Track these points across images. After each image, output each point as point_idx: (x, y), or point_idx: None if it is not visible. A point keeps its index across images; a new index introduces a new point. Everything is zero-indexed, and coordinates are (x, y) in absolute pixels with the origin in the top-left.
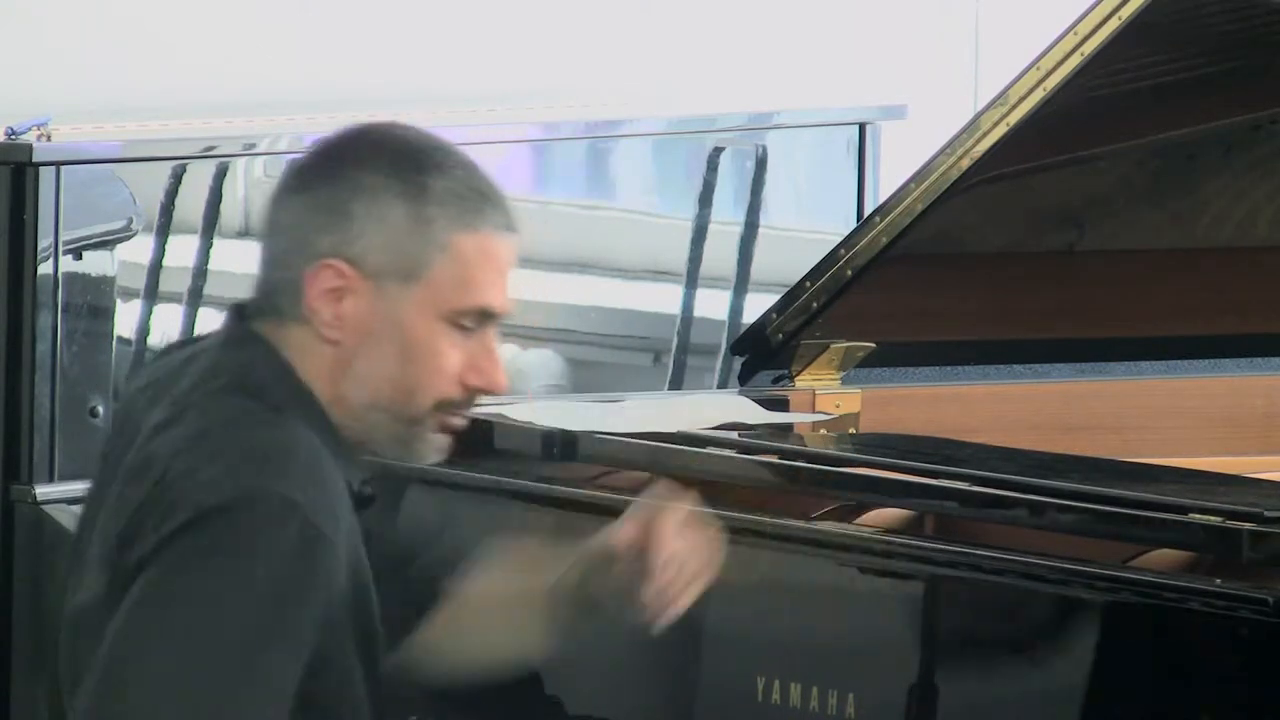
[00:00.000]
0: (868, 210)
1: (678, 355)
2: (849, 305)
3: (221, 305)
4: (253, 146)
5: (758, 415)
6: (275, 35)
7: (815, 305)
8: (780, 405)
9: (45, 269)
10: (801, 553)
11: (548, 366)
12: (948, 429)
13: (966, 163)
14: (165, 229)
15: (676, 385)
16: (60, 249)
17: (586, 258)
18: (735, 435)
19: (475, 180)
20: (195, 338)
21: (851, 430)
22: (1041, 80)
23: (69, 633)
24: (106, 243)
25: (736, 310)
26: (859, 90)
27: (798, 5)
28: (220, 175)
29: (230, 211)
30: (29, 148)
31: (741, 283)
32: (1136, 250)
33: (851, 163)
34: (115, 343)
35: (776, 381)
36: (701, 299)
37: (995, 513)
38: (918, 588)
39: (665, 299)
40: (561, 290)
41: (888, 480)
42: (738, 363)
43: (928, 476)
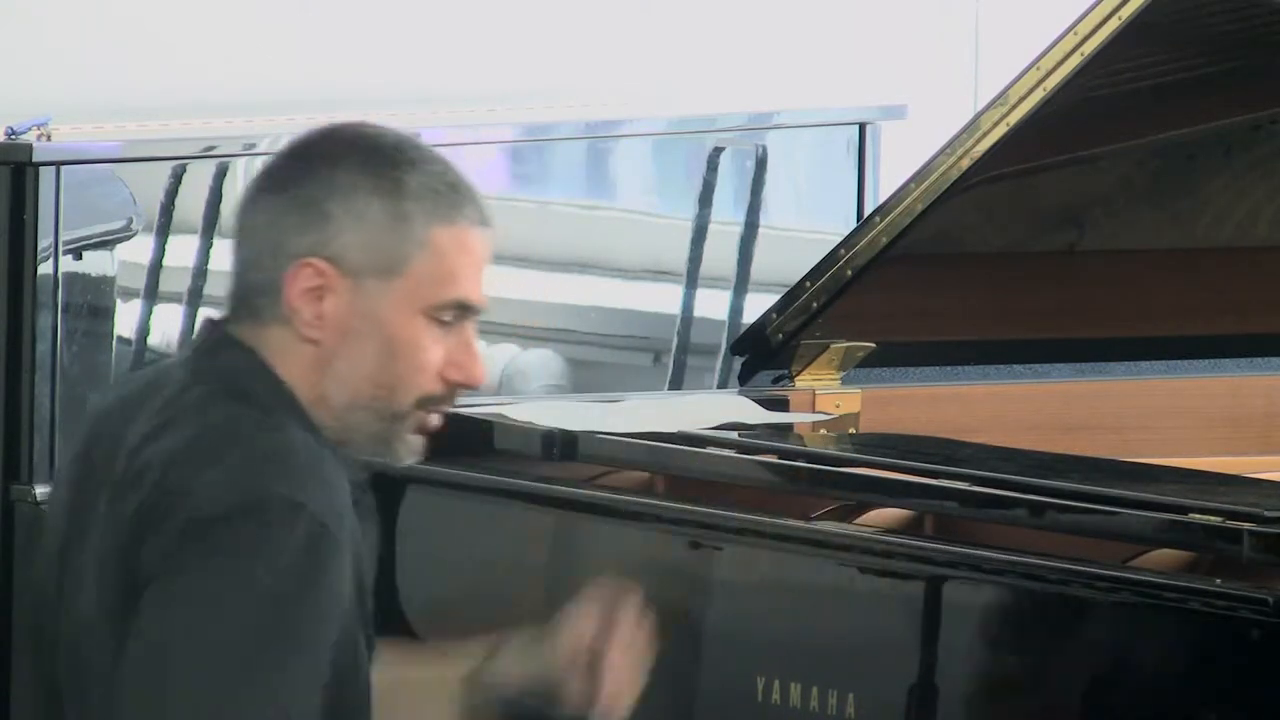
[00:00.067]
0: (868, 210)
1: (678, 355)
2: (849, 305)
3: (221, 305)
4: (253, 146)
5: (758, 415)
6: (275, 35)
7: (815, 305)
8: (780, 405)
9: (45, 269)
10: (801, 553)
11: (548, 366)
12: (948, 429)
13: (966, 163)
14: (165, 229)
15: (676, 385)
16: (60, 249)
17: (586, 258)
18: (735, 435)
19: (449, 175)
20: (160, 361)
21: (851, 430)
22: (1041, 80)
23: (71, 647)
24: (106, 243)
25: (736, 310)
26: (859, 90)
27: (798, 5)
28: (220, 175)
29: (230, 211)
30: (29, 148)
31: (741, 283)
32: (1136, 250)
33: (851, 163)
34: (115, 343)
35: (776, 381)
36: (701, 299)
37: (995, 513)
38: (918, 588)
39: (665, 299)
40: (561, 290)
41: (888, 480)
42: (738, 363)
43: (928, 476)
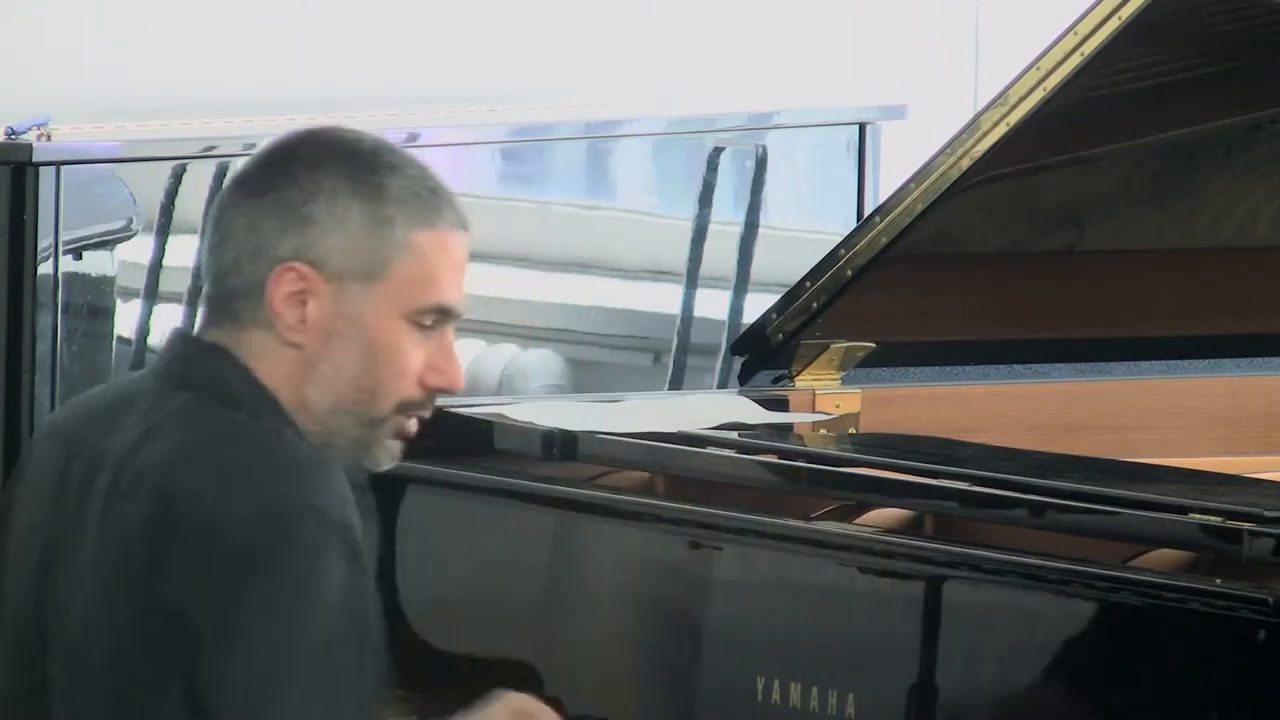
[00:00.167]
0: (868, 210)
1: (678, 355)
2: (849, 305)
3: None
4: (253, 146)
5: (758, 415)
6: (275, 35)
7: (815, 305)
8: (780, 405)
9: (45, 269)
10: (801, 553)
11: (548, 366)
12: (948, 429)
13: (966, 163)
14: (165, 229)
15: (676, 385)
16: (60, 249)
17: (586, 258)
18: (735, 435)
19: (428, 179)
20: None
21: (851, 430)
22: (1041, 80)
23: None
24: (106, 243)
25: (736, 310)
26: (859, 90)
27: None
28: (220, 175)
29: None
30: (29, 148)
31: (741, 283)
32: (1136, 250)
33: (851, 163)
34: (115, 343)
35: (776, 381)
36: (701, 299)
37: (995, 513)
38: (918, 588)
39: (665, 299)
40: (561, 290)
41: (888, 480)
42: (738, 363)
43: (928, 476)
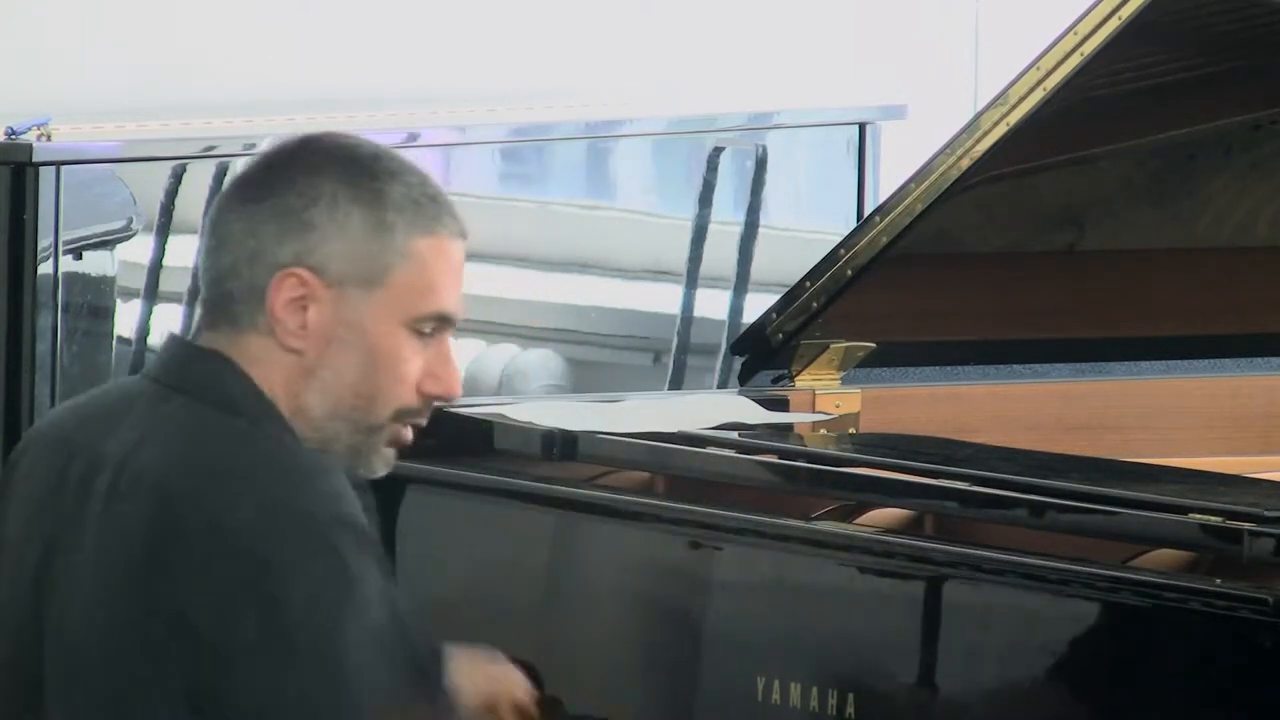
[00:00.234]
0: (868, 210)
1: (678, 355)
2: (849, 305)
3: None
4: (253, 146)
5: (758, 415)
6: (275, 35)
7: (815, 305)
8: (780, 405)
9: (45, 269)
10: (801, 553)
11: (548, 366)
12: (948, 429)
13: (966, 163)
14: (165, 229)
15: (676, 385)
16: (60, 249)
17: (586, 258)
18: (735, 435)
19: (428, 186)
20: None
21: (851, 430)
22: (1041, 80)
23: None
24: (106, 243)
25: (736, 310)
26: (859, 90)
27: (798, 5)
28: (220, 175)
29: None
30: (29, 148)
31: (741, 283)
32: (1136, 250)
33: (851, 163)
34: (115, 343)
35: (776, 381)
36: (701, 299)
37: (995, 513)
38: (918, 588)
39: (665, 299)
40: (561, 290)
41: (888, 480)
42: (738, 363)
43: (928, 476)
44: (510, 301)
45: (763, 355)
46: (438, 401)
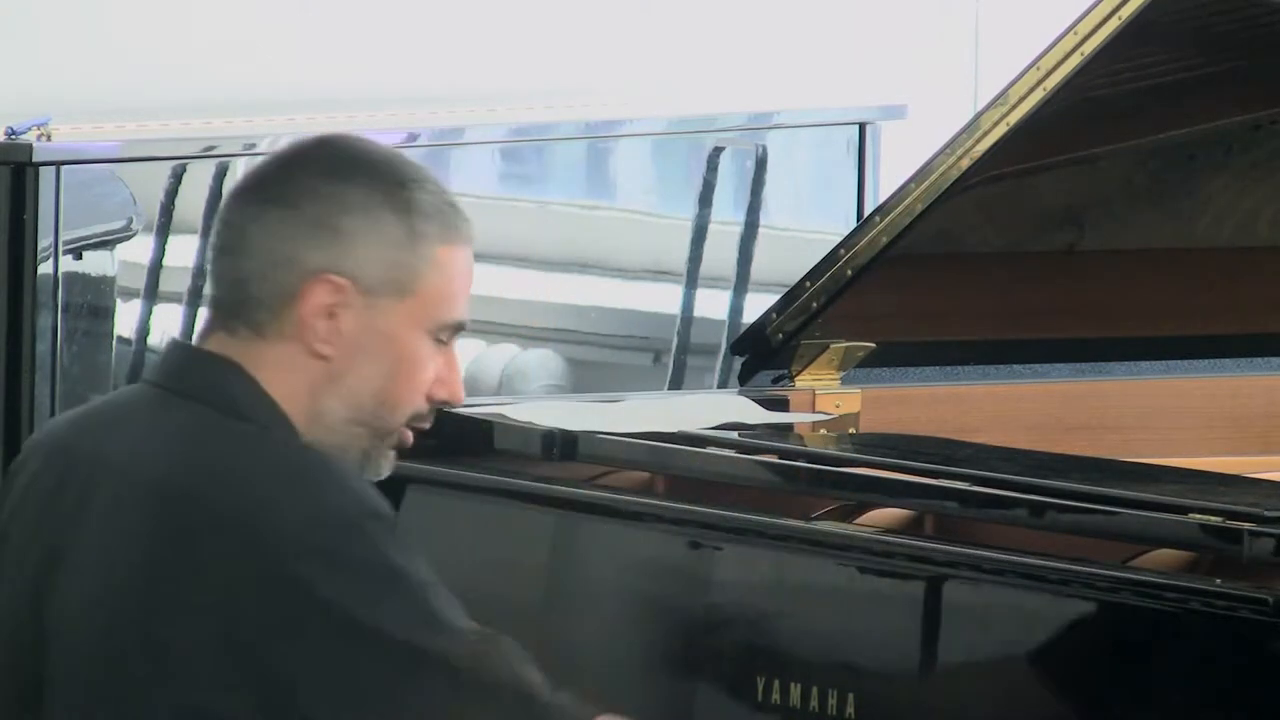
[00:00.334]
0: (868, 210)
1: (678, 355)
2: (849, 305)
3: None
4: (253, 146)
5: (758, 415)
6: (275, 35)
7: (815, 305)
8: (780, 405)
9: (45, 269)
10: (801, 553)
11: (547, 366)
12: (948, 429)
13: (966, 163)
14: (165, 229)
15: (676, 385)
16: (60, 249)
17: (586, 258)
18: (735, 435)
19: (446, 192)
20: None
21: (851, 430)
22: (1041, 80)
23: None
24: (106, 243)
25: (736, 310)
26: (859, 90)
27: (798, 5)
28: (220, 175)
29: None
30: (29, 148)
31: (741, 283)
32: (1136, 250)
33: (851, 163)
34: (115, 343)
35: (776, 381)
36: (701, 299)
37: (995, 513)
38: (918, 588)
39: (665, 299)
40: (561, 290)
41: (888, 480)
42: (738, 363)
43: (928, 476)
44: (510, 301)
45: (763, 355)
46: (442, 406)
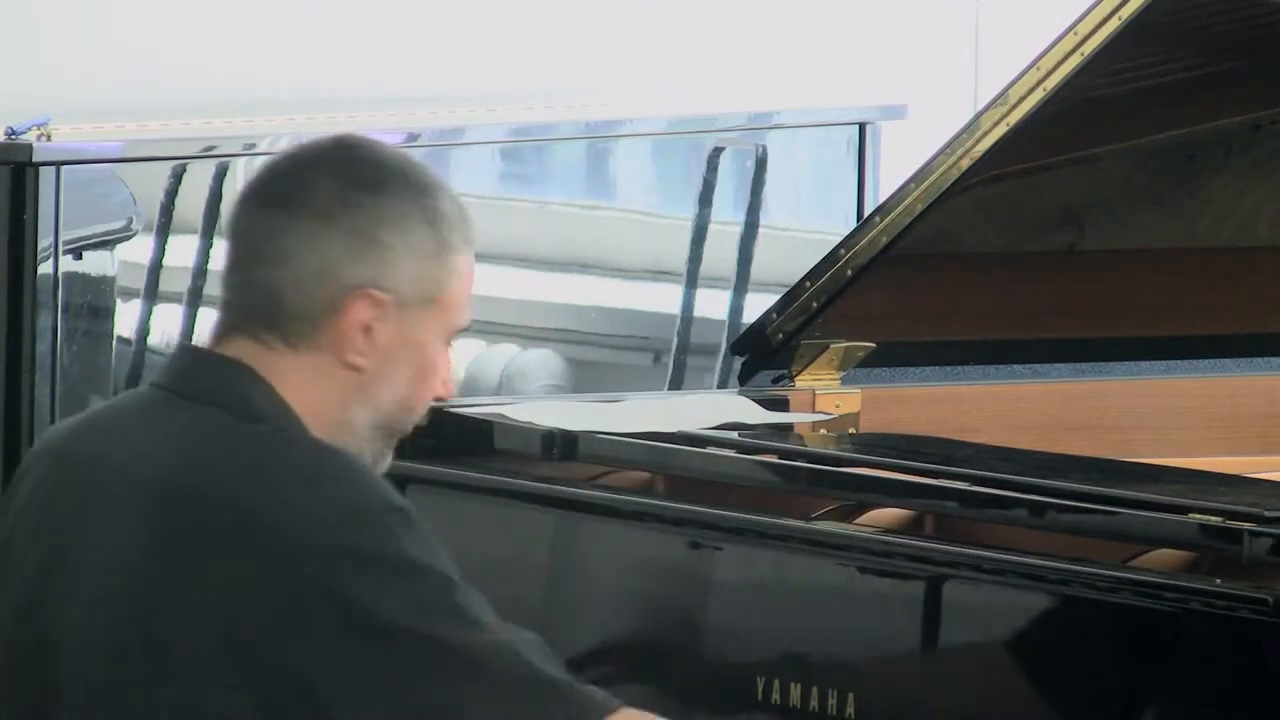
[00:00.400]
0: (868, 210)
1: (678, 355)
2: (849, 305)
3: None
4: (253, 146)
5: (758, 415)
6: (275, 35)
7: (815, 305)
8: (780, 405)
9: (45, 269)
10: (801, 553)
11: (547, 366)
12: (948, 429)
13: (966, 163)
14: (165, 229)
15: (676, 385)
16: (60, 249)
17: (586, 258)
18: (735, 435)
19: (459, 199)
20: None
21: (851, 430)
22: (1041, 80)
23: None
24: (106, 243)
25: (736, 310)
26: (859, 90)
27: (798, 5)
28: (220, 175)
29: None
30: (29, 148)
31: (741, 283)
32: (1136, 250)
33: (851, 163)
34: (115, 343)
35: (776, 381)
36: (701, 299)
37: (995, 513)
38: (918, 588)
39: (665, 299)
40: (561, 290)
41: (888, 480)
42: (738, 363)
43: (928, 476)
44: (510, 301)
45: (763, 355)
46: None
